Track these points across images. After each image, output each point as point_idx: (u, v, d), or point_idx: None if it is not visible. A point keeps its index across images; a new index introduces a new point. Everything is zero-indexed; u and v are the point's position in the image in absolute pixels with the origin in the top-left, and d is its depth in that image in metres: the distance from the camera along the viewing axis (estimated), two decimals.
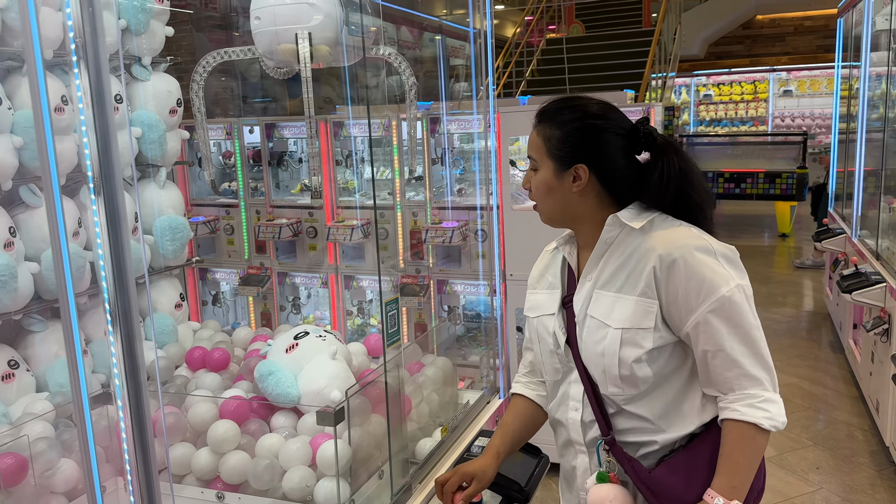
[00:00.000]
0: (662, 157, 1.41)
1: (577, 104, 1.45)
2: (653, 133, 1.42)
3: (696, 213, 1.43)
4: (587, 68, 9.64)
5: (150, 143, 2.47)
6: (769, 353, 1.38)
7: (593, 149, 1.42)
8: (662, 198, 1.41)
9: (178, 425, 1.92)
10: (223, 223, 4.09)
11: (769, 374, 1.36)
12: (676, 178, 1.40)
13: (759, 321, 1.38)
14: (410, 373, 2.31)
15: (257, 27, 2.24)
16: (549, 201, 1.47)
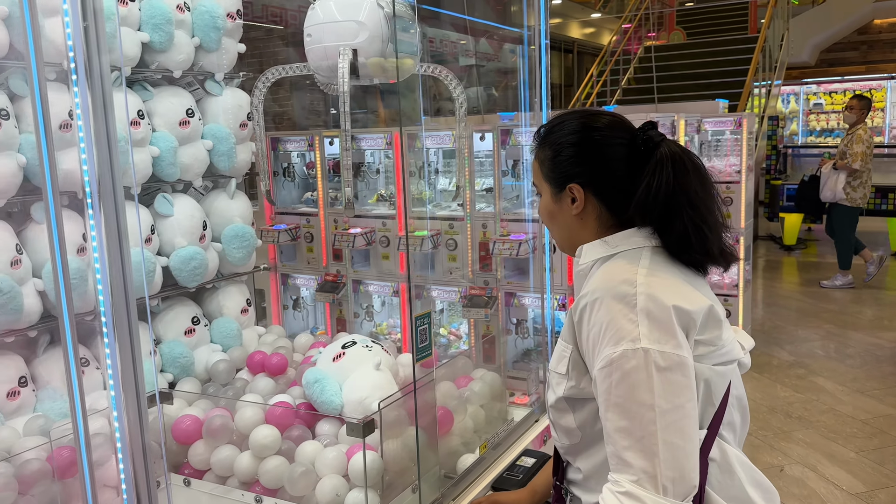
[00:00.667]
0: (657, 164, 1.25)
1: (570, 118, 1.34)
2: (652, 138, 1.28)
3: (688, 231, 1.24)
4: (685, 76, 9.36)
5: (220, 155, 2.59)
6: (676, 449, 1.10)
7: (584, 164, 1.30)
8: (647, 210, 1.25)
9: (224, 428, 1.99)
10: (304, 231, 4.23)
11: (649, 467, 1.09)
12: (666, 186, 1.23)
13: (670, 402, 1.11)
14: (458, 386, 2.31)
15: (309, 44, 2.31)
16: (553, 228, 1.39)
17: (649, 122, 1.31)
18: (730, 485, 1.25)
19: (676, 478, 1.10)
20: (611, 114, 1.35)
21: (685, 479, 1.11)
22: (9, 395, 1.95)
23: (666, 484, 1.10)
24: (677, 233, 1.25)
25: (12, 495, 1.66)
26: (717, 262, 1.31)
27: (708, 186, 1.28)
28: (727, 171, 5.11)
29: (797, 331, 5.98)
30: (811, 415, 4.36)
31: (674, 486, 1.10)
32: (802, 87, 12.14)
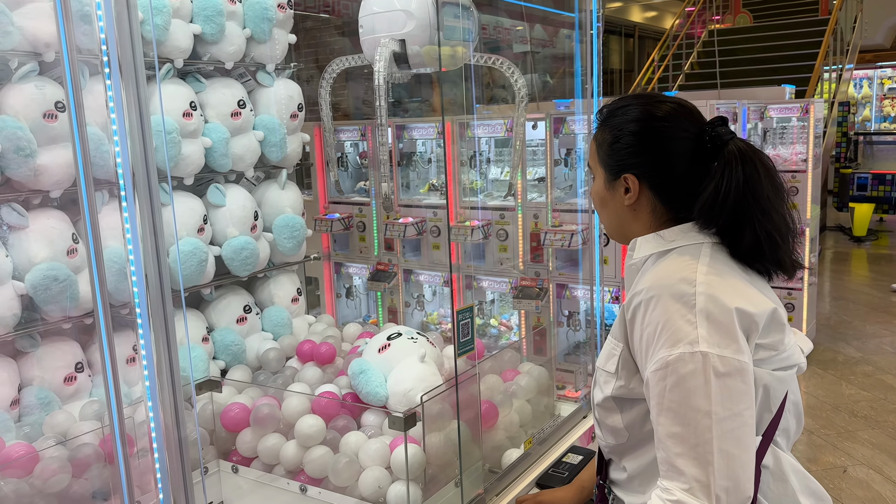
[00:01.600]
0: (725, 165, 1.17)
1: (636, 103, 1.26)
2: (720, 136, 1.20)
3: (760, 240, 1.17)
4: (751, 61, 9.04)
5: (272, 146, 2.61)
6: (732, 458, 1.05)
7: (646, 156, 1.23)
8: (714, 215, 1.17)
9: (271, 417, 2.01)
10: (356, 220, 4.25)
11: (702, 476, 1.05)
12: (736, 191, 1.15)
13: (728, 409, 1.06)
14: (504, 380, 2.28)
15: (362, 34, 2.30)
16: (603, 214, 1.33)
17: (719, 118, 1.24)
18: (782, 493, 1.20)
19: (730, 488, 1.05)
20: (678, 102, 1.27)
21: (739, 490, 1.06)
22: (66, 380, 2.01)
23: (719, 494, 1.05)
24: (748, 241, 1.18)
25: (66, 478, 1.72)
26: (787, 272, 1.24)
27: (780, 191, 1.21)
28: (793, 160, 4.92)
29: (865, 326, 5.74)
30: (878, 414, 4.17)
31: (727, 496, 1.05)
32: (876, 70, 11.59)
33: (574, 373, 2.94)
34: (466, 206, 3.85)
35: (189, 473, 1.46)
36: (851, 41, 9.49)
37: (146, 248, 1.23)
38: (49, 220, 1.97)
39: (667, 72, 9.58)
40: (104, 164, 1.96)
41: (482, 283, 3.90)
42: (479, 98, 3.88)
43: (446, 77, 3.01)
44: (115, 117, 1.12)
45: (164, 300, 1.29)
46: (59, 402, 1.97)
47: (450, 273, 3.86)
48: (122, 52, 1.19)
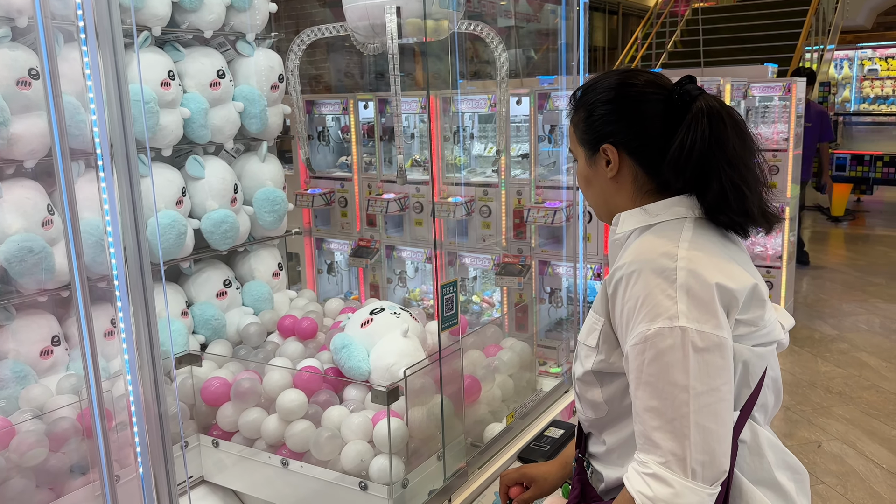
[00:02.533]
0: (692, 119, 1.16)
1: (603, 77, 1.27)
2: (689, 92, 1.18)
3: (725, 191, 1.16)
4: (734, 40, 9.04)
5: (251, 118, 2.57)
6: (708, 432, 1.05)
7: (620, 122, 1.22)
8: (680, 168, 1.16)
9: (252, 391, 2.00)
10: (338, 196, 4.21)
11: (678, 450, 1.05)
12: (701, 143, 1.14)
13: (705, 384, 1.06)
14: (487, 355, 2.28)
15: (347, 2, 2.25)
16: (589, 195, 1.33)
17: (687, 77, 1.23)
18: (758, 467, 1.20)
19: (706, 462, 1.06)
20: (647, 71, 1.27)
21: (715, 464, 1.07)
22: (42, 353, 1.98)
23: (695, 467, 1.05)
24: (714, 192, 1.17)
25: (44, 451, 1.69)
26: (758, 224, 1.22)
27: (748, 142, 1.20)
28: (774, 139, 4.93)
29: (842, 305, 5.82)
30: (852, 391, 4.24)
31: (703, 469, 1.06)
32: (857, 51, 11.65)
33: (556, 349, 2.95)
34: (450, 182, 3.82)
35: (169, 447, 1.44)
36: (833, 22, 9.52)
37: (125, 220, 1.20)
38: (23, 191, 1.93)
39: (650, 49, 9.56)
40: (80, 133, 1.92)
41: (465, 259, 3.89)
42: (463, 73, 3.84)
43: (430, 51, 2.97)
44: (92, 85, 1.09)
45: (143, 273, 1.26)
46: (35, 376, 1.94)
47: (434, 249, 3.84)
48: (98, 19, 1.16)
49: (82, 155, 1.99)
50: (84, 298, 1.09)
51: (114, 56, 1.08)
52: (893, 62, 11.50)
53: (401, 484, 1.76)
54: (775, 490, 1.21)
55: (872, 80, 11.65)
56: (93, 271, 1.84)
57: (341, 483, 1.80)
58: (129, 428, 1.39)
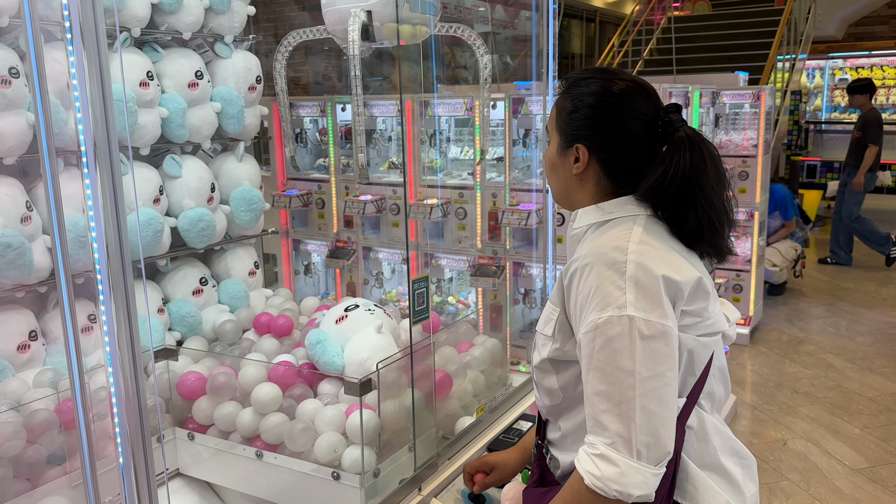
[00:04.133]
0: (674, 150, 1.23)
1: (600, 77, 1.30)
2: (672, 122, 1.25)
3: (701, 224, 1.23)
4: (708, 48, 9.20)
5: (229, 118, 2.61)
6: (653, 415, 1.11)
7: (599, 130, 1.27)
8: (658, 196, 1.24)
9: (227, 385, 2.04)
10: (315, 197, 4.25)
11: (624, 431, 1.11)
12: (682, 176, 1.21)
13: (651, 370, 1.12)
14: (459, 351, 2.34)
15: (325, 6, 2.31)
16: (552, 180, 1.38)
17: (673, 105, 1.29)
18: (704, 452, 1.27)
19: (651, 443, 1.12)
20: (638, 82, 1.31)
21: (660, 445, 1.13)
22: (19, 348, 2.00)
23: (640, 448, 1.11)
24: (691, 224, 1.24)
25: (21, 443, 1.72)
26: (720, 257, 1.31)
27: (723, 179, 1.27)
28: (744, 146, 5.05)
29: (809, 308, 5.95)
30: (818, 391, 4.36)
31: (648, 450, 1.12)
32: (828, 61, 11.90)
33: (528, 348, 3.01)
34: (426, 185, 3.88)
35: (149, 439, 1.48)
36: (805, 32, 9.72)
37: (107, 217, 1.24)
38: (2, 188, 1.96)
39: (626, 57, 9.70)
40: (59, 132, 1.95)
41: (440, 260, 3.95)
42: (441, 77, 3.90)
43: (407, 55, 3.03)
44: (77, 84, 1.13)
45: (125, 269, 1.30)
46: (12, 370, 1.97)
47: (406, 250, 3.90)
48: (83, 20, 1.20)
49: (62, 153, 2.02)
50: (69, 293, 1.13)
51: (98, 56, 1.12)
52: (864, 72, 11.75)
53: (372, 473, 1.81)
54: (721, 474, 1.27)
55: (844, 89, 11.89)
56: (72, 267, 1.86)
57: (315, 474, 1.84)
58: (111, 420, 1.43)
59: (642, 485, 1.11)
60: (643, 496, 1.12)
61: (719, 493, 1.25)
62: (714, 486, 1.25)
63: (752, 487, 1.33)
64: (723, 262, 1.34)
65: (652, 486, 1.13)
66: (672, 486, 1.21)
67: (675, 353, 1.17)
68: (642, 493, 1.12)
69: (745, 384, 4.52)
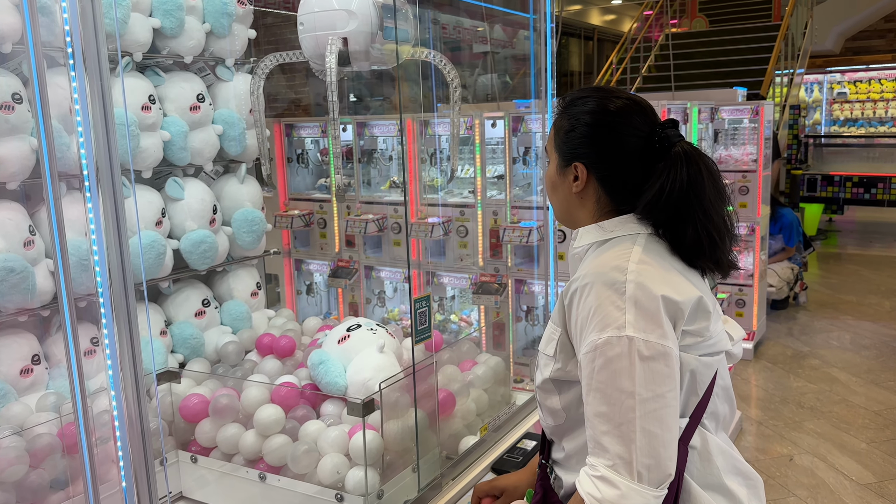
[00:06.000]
0: (671, 166, 1.23)
1: (596, 96, 1.31)
2: (669, 138, 1.25)
3: (700, 239, 1.23)
4: (706, 64, 9.26)
5: (231, 140, 2.62)
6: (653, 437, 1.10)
7: (597, 148, 1.28)
8: (656, 211, 1.24)
9: (230, 407, 2.03)
10: (317, 217, 4.26)
11: (625, 453, 1.10)
12: (679, 191, 1.21)
13: (651, 391, 1.11)
14: (462, 370, 2.34)
15: (301, 31, 2.33)
16: (553, 199, 1.38)
17: (670, 120, 1.29)
18: (707, 472, 1.25)
19: (652, 465, 1.11)
20: (634, 99, 1.32)
21: (661, 467, 1.12)
22: (22, 372, 2.00)
23: (641, 470, 1.10)
24: (690, 239, 1.24)
25: (24, 468, 1.72)
26: (723, 271, 1.30)
27: (722, 194, 1.27)
28: (744, 160, 5.07)
29: (813, 322, 5.93)
30: (823, 405, 4.33)
31: (649, 472, 1.11)
32: (826, 75, 11.96)
33: (531, 366, 3.01)
34: (427, 203, 3.90)
35: (152, 462, 1.48)
36: (802, 46, 9.78)
37: (109, 240, 1.24)
38: (5, 212, 1.97)
39: (625, 74, 9.75)
40: (62, 156, 1.96)
41: (442, 279, 3.95)
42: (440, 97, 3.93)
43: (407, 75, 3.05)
44: (80, 109, 1.14)
45: (127, 292, 1.31)
46: (15, 394, 1.97)
47: (408, 269, 3.90)
48: (85, 45, 1.21)
49: (64, 177, 2.03)
50: (72, 317, 1.14)
51: (100, 81, 1.13)
52: (862, 86, 11.81)
53: (376, 495, 1.80)
54: (724, 494, 1.26)
55: (842, 103, 11.95)
56: (74, 291, 1.87)
57: (318, 496, 1.84)
58: (113, 444, 1.42)
59: None
60: None
61: None
62: None
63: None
64: (726, 276, 1.33)
65: None
66: None
67: (676, 373, 1.16)
68: None
69: (750, 399, 4.50)
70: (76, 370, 1.18)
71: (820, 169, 9.90)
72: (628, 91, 1.37)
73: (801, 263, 6.35)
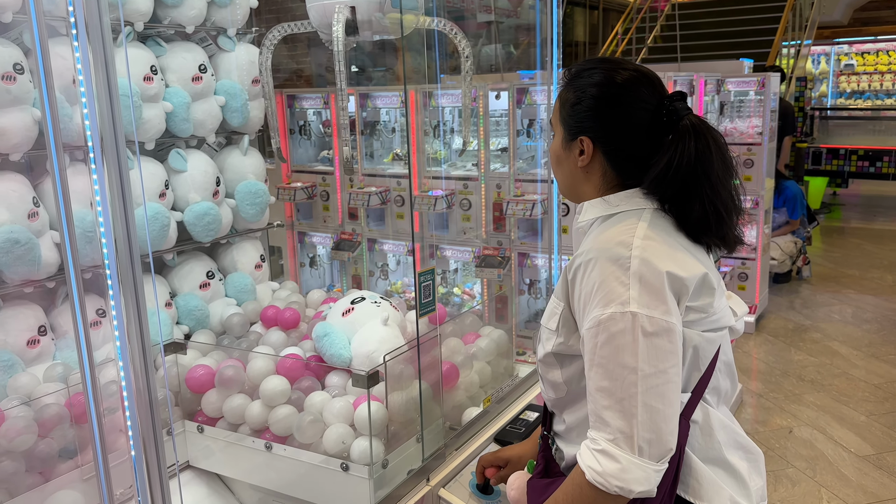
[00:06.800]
0: (679, 139, 1.21)
1: (602, 67, 1.28)
2: (677, 111, 1.23)
3: (707, 214, 1.22)
4: (713, 35, 9.16)
5: (233, 112, 2.61)
6: (655, 412, 1.11)
7: (603, 121, 1.26)
8: (663, 186, 1.22)
9: (236, 378, 2.05)
10: (320, 189, 4.26)
11: (626, 428, 1.11)
12: (687, 165, 1.20)
13: (653, 367, 1.12)
14: (466, 343, 2.35)
15: (309, 0, 2.31)
16: (558, 173, 1.37)
17: (678, 93, 1.27)
18: (708, 447, 1.27)
19: (653, 440, 1.12)
20: (642, 71, 1.29)
21: (661, 442, 1.13)
22: (29, 343, 2.02)
23: (642, 445, 1.12)
24: (696, 215, 1.23)
25: (33, 437, 1.74)
26: (729, 247, 1.29)
27: (730, 168, 1.25)
28: (749, 133, 5.04)
29: (815, 296, 5.95)
30: (824, 378, 4.36)
31: (649, 447, 1.12)
32: (833, 47, 11.83)
33: (533, 339, 3.02)
34: (430, 176, 3.88)
35: (160, 431, 1.49)
36: (810, 17, 9.66)
37: (115, 212, 1.24)
38: (9, 184, 1.96)
39: (630, 45, 9.65)
40: (64, 127, 1.96)
41: (445, 252, 3.96)
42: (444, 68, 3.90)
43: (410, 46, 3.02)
44: (84, 80, 1.13)
45: (133, 264, 1.31)
46: (22, 365, 1.98)
47: (412, 242, 3.90)
48: (88, 14, 1.20)
49: (67, 149, 2.03)
50: (79, 287, 1.14)
51: (103, 51, 1.12)
52: (869, 57, 11.69)
53: (381, 464, 1.82)
54: (725, 468, 1.27)
55: (849, 74, 11.83)
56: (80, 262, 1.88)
57: (324, 465, 1.86)
58: (122, 413, 1.44)
59: (643, 481, 1.12)
60: (644, 492, 1.13)
61: (723, 487, 1.25)
62: (717, 481, 1.25)
63: (759, 482, 1.32)
64: (732, 251, 1.32)
65: (653, 483, 1.13)
66: (675, 481, 1.21)
67: (679, 349, 1.16)
68: (643, 489, 1.12)
69: (751, 372, 4.52)
70: (84, 341, 1.19)
71: (825, 142, 9.84)
72: (635, 63, 1.35)
73: (804, 237, 6.34)
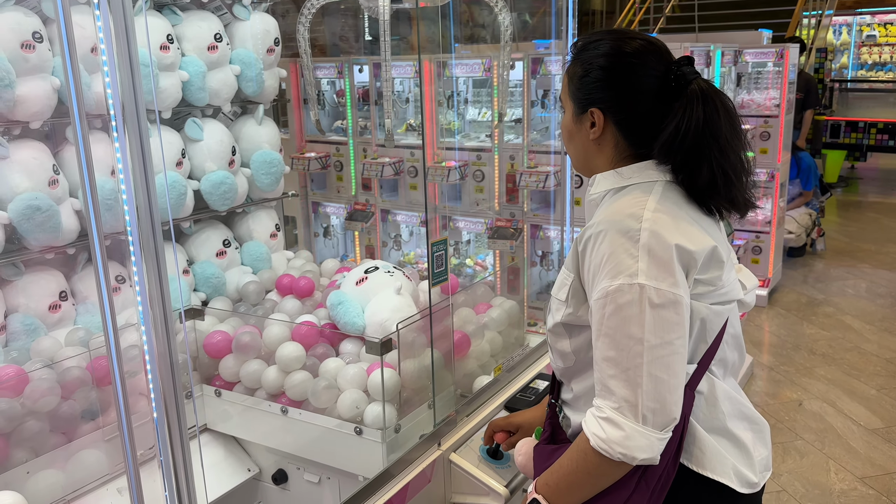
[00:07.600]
0: (687, 104, 1.21)
1: (609, 38, 1.28)
2: (685, 75, 1.23)
3: (715, 177, 1.22)
4: (732, 4, 9.00)
5: (248, 81, 2.62)
6: (659, 382, 1.14)
7: (613, 91, 1.26)
8: (672, 152, 1.23)
9: (252, 344, 2.09)
10: (333, 160, 4.27)
11: (631, 397, 1.14)
12: (695, 130, 1.20)
13: (659, 338, 1.14)
14: (477, 313, 2.38)
15: None
16: (570, 148, 1.38)
17: (685, 58, 1.26)
18: (713, 416, 1.29)
19: (657, 409, 1.14)
20: (648, 39, 1.30)
21: (665, 411, 1.15)
22: (51, 308, 2.07)
23: (646, 413, 1.14)
24: (705, 178, 1.23)
25: (56, 399, 1.79)
26: (739, 211, 1.30)
27: (739, 132, 1.25)
28: (766, 105, 4.98)
29: (829, 269, 5.92)
30: (835, 352, 4.37)
31: (654, 416, 1.14)
32: (856, 17, 11.60)
33: (544, 310, 3.04)
34: (443, 147, 3.89)
35: (181, 394, 1.53)
36: None
37: (136, 180, 1.27)
38: (29, 151, 2.00)
39: (648, 14, 9.52)
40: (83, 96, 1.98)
41: (458, 223, 3.97)
42: (458, 37, 3.88)
43: (425, 15, 3.01)
44: (105, 48, 1.15)
45: (155, 230, 1.33)
46: (44, 329, 2.03)
47: (425, 213, 3.91)
48: None
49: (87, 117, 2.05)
50: (102, 255, 1.17)
51: (124, 19, 1.14)
52: (892, 28, 11.46)
53: (393, 429, 1.87)
54: (729, 438, 1.29)
55: (871, 46, 11.62)
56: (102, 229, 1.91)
57: (338, 429, 1.90)
58: (144, 376, 1.48)
59: (647, 448, 1.14)
60: (647, 459, 1.15)
61: (726, 457, 1.27)
62: (721, 450, 1.27)
63: (763, 452, 1.34)
64: (744, 216, 1.32)
65: (656, 451, 1.16)
66: (679, 450, 1.24)
67: (686, 321, 1.18)
68: (646, 456, 1.15)
69: (762, 345, 4.54)
70: (109, 307, 1.22)
71: (844, 114, 9.71)
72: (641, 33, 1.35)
73: (818, 209, 6.30)
